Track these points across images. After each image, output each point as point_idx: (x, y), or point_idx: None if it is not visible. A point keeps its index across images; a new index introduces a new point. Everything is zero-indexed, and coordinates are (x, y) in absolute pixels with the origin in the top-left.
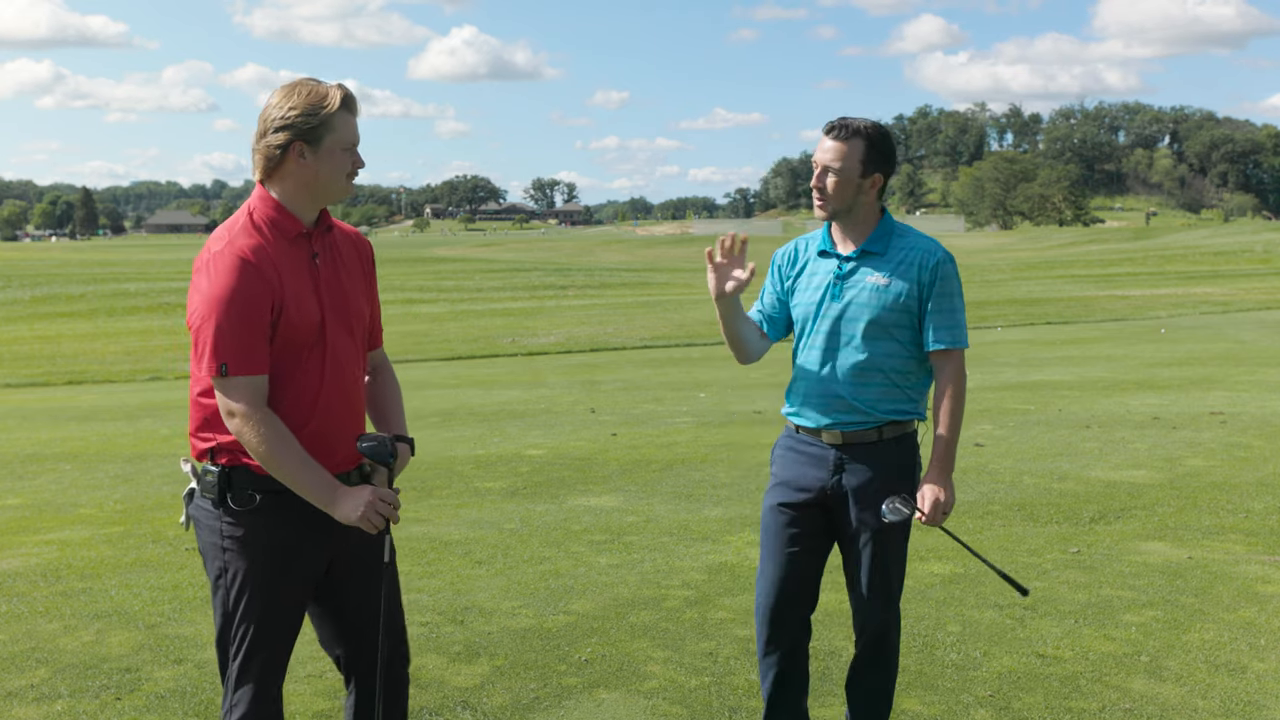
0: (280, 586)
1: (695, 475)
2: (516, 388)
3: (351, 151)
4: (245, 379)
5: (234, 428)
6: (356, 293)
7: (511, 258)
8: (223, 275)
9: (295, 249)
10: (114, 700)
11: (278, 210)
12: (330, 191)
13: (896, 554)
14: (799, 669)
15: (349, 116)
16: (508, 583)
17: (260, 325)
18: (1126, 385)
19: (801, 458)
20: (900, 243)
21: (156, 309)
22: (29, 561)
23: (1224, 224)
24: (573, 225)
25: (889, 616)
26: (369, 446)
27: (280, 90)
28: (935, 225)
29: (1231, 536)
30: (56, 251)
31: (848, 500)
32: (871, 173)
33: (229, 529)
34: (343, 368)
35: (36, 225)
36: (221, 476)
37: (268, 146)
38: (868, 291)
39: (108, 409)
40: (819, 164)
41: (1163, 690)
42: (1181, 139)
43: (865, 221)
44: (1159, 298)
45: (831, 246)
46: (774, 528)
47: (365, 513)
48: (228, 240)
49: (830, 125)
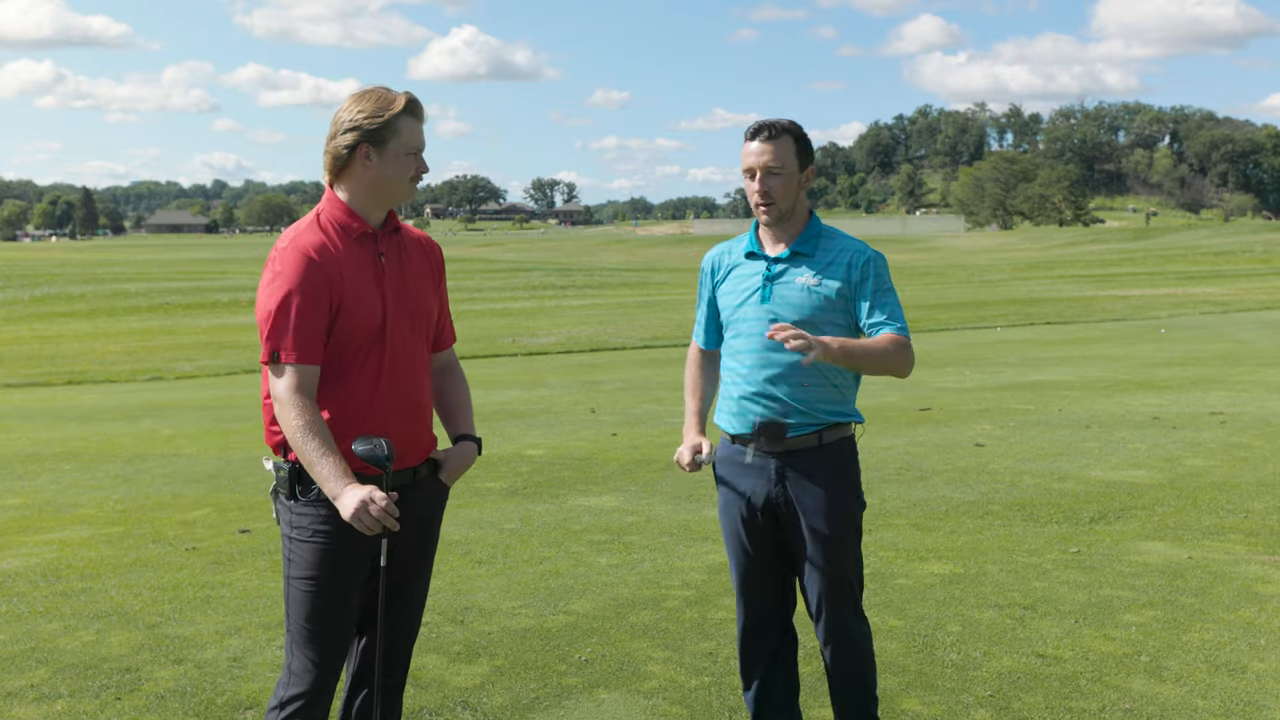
0: (337, 579)
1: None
2: (516, 388)
3: (416, 156)
4: (294, 367)
5: (277, 410)
6: (424, 293)
7: (511, 258)
8: (285, 269)
9: (360, 248)
10: (114, 700)
11: (344, 211)
12: (395, 193)
13: (853, 554)
14: (784, 674)
15: (414, 122)
16: (508, 583)
17: (317, 318)
18: (1126, 385)
19: (742, 470)
20: (829, 244)
21: (157, 309)
22: (29, 561)
23: (1224, 224)
24: (573, 225)
25: (856, 623)
26: (364, 450)
27: (351, 96)
28: (935, 225)
29: (1231, 536)
30: (56, 251)
31: (795, 509)
32: (805, 167)
33: (296, 519)
34: (404, 366)
35: (36, 225)
36: (292, 472)
37: (336, 148)
38: (798, 291)
39: (108, 409)
40: (758, 169)
41: (1163, 690)
42: (1181, 139)
43: (798, 221)
44: (1159, 298)
45: (759, 248)
46: (731, 544)
47: (356, 512)
48: (293, 237)
49: (755, 129)
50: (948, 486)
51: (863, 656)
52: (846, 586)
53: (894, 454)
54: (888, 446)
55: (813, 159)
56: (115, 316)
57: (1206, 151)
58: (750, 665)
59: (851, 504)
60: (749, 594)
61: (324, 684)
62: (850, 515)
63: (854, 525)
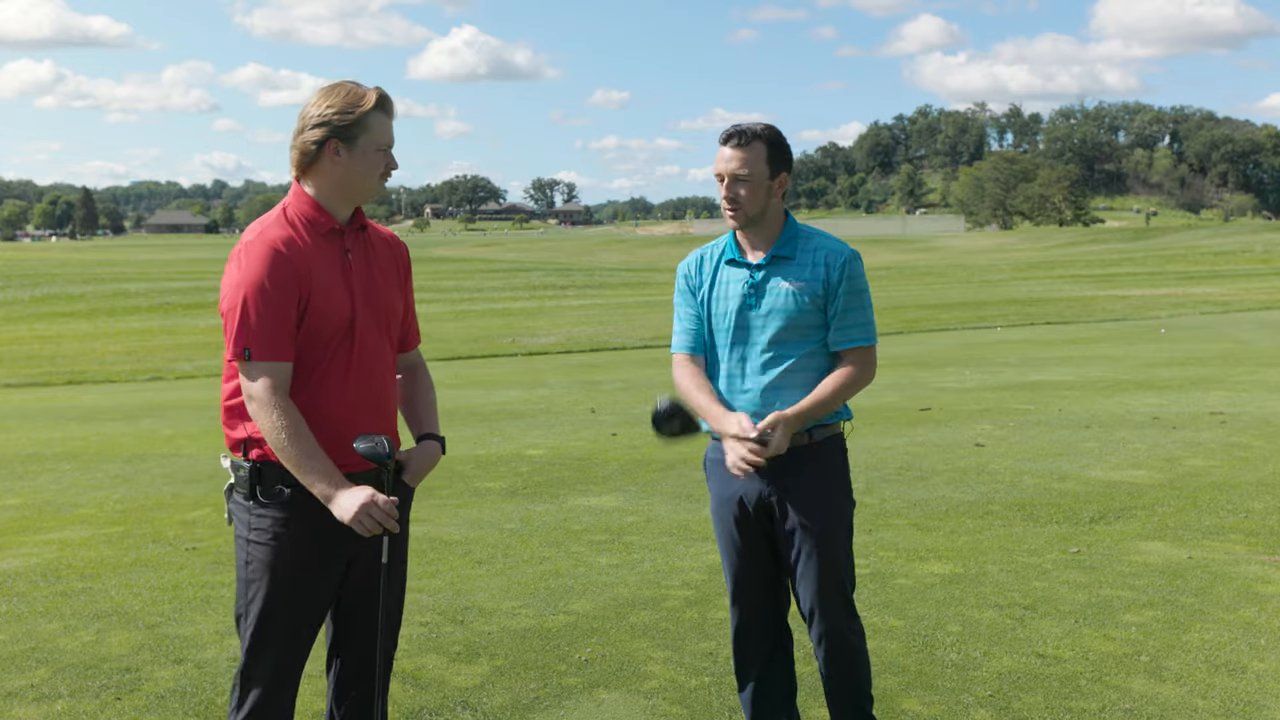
0: (300, 582)
1: (695, 475)
2: (516, 388)
3: (386, 153)
4: (267, 364)
5: (252, 411)
6: (390, 291)
7: (511, 258)
8: (252, 263)
9: (327, 244)
10: (114, 700)
11: (312, 206)
12: (363, 190)
13: (844, 552)
14: (780, 674)
15: (384, 118)
16: (508, 583)
17: (286, 313)
18: (1126, 385)
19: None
20: (808, 244)
21: (156, 309)
22: (29, 561)
23: (1224, 224)
24: (573, 225)
25: (849, 621)
26: (366, 447)
27: (319, 90)
28: (935, 225)
29: (1231, 536)
30: (56, 251)
31: (785, 509)
32: (777, 174)
33: (256, 521)
34: (371, 363)
35: (36, 225)
36: (253, 472)
37: (304, 143)
38: (783, 296)
39: (108, 409)
40: (726, 174)
41: (1163, 690)
42: (1181, 139)
43: (772, 226)
44: (1159, 298)
45: (739, 254)
46: (724, 544)
47: (358, 514)
48: (260, 231)
49: (727, 134)
50: (948, 486)
51: (856, 656)
52: (838, 585)
53: (894, 454)
54: (888, 446)
55: (788, 165)
56: (115, 316)
57: (1206, 151)
58: (745, 666)
59: (842, 502)
60: (742, 594)
61: (284, 689)
62: (840, 514)
63: (844, 524)
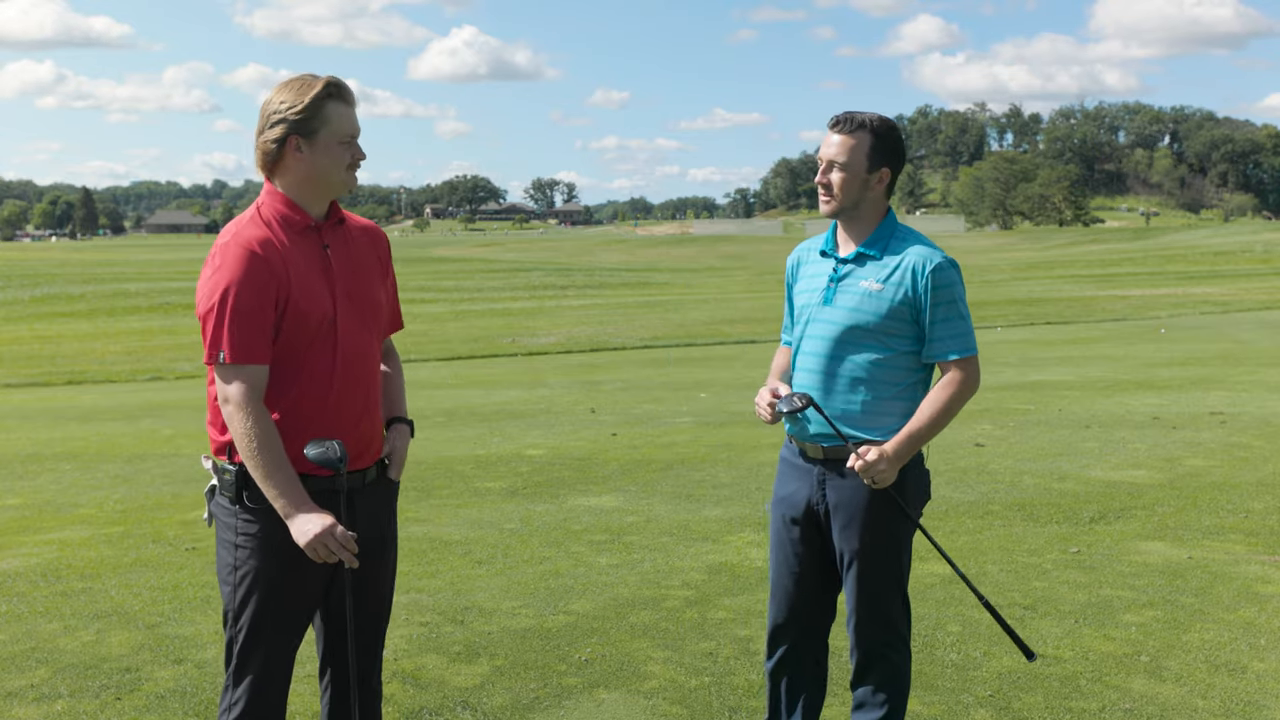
0: (287, 586)
1: (695, 475)
2: (516, 388)
3: (350, 144)
4: (242, 368)
5: (226, 414)
6: (372, 285)
7: (511, 258)
8: (228, 265)
9: (305, 241)
10: (114, 700)
11: (285, 204)
12: (331, 184)
13: (888, 572)
14: (805, 679)
15: (344, 108)
16: (508, 583)
17: (262, 316)
18: (1126, 385)
19: (792, 470)
20: (899, 246)
21: (156, 309)
22: (29, 561)
23: (1224, 224)
24: (573, 225)
25: (889, 638)
26: (317, 453)
27: (277, 86)
28: (935, 225)
29: (1231, 536)
30: (56, 251)
31: (832, 518)
32: (878, 167)
33: (243, 526)
34: (355, 362)
35: (36, 225)
36: (238, 475)
37: (265, 142)
38: (859, 296)
39: (108, 409)
40: (824, 159)
41: (1163, 690)
42: (1181, 139)
43: (868, 221)
44: (1159, 298)
45: (833, 248)
46: (775, 541)
47: (313, 541)
48: (235, 232)
49: (836, 119)
50: (948, 486)
51: (894, 674)
52: (880, 605)
53: None
54: None
55: (893, 160)
56: (115, 316)
57: (1206, 151)
58: (775, 671)
59: (892, 518)
60: (777, 591)
61: (274, 689)
62: (890, 530)
63: (894, 540)
